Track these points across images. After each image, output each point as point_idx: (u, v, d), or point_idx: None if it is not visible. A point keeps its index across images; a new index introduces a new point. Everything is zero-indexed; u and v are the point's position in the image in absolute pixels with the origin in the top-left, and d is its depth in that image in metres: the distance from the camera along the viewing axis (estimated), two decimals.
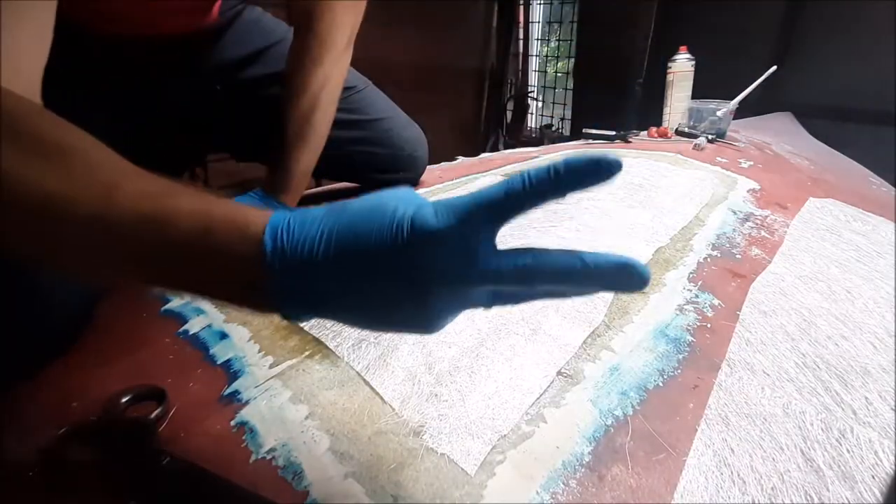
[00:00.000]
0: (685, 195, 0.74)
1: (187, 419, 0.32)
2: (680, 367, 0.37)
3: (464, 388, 0.34)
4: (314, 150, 0.65)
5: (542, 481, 0.28)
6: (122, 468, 0.28)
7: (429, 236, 0.20)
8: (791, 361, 0.39)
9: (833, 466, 0.30)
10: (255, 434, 0.31)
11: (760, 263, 0.55)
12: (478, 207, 0.21)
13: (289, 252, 0.21)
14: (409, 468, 0.28)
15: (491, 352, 0.38)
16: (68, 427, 0.30)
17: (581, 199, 0.70)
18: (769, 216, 0.69)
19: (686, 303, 0.46)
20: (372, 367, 0.36)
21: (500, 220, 0.21)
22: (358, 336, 0.40)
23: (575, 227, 0.60)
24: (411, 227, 0.20)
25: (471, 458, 0.29)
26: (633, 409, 0.33)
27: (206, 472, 0.28)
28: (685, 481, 0.28)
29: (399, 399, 0.33)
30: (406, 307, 0.22)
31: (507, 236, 0.56)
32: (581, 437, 0.31)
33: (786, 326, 0.43)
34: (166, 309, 0.45)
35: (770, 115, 1.70)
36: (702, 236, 0.60)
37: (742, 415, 0.33)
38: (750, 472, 0.29)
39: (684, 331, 0.42)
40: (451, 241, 0.20)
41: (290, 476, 0.28)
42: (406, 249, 0.20)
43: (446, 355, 0.37)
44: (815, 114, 1.68)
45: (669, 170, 0.86)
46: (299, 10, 0.60)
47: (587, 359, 0.38)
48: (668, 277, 0.50)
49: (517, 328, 0.41)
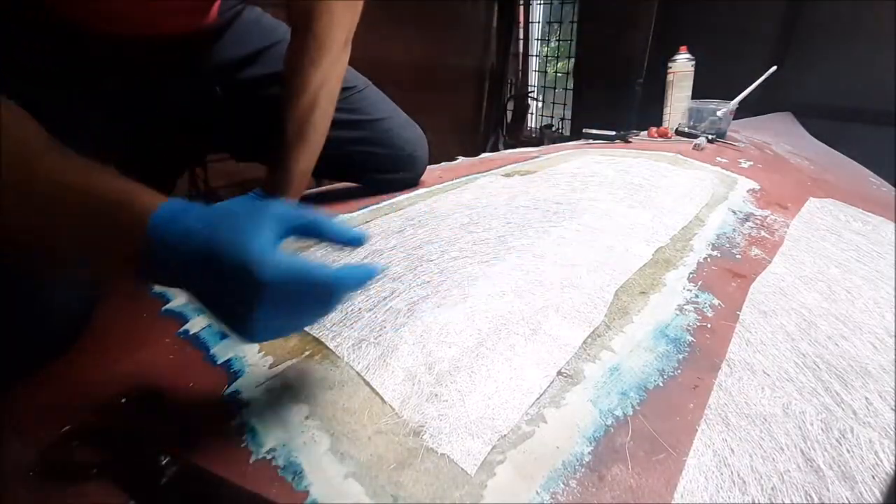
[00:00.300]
0: (685, 195, 0.74)
1: (187, 419, 0.32)
2: (680, 367, 0.37)
3: (464, 388, 0.34)
4: (314, 150, 0.65)
5: (542, 481, 0.28)
6: (123, 468, 0.28)
7: (256, 288, 0.25)
8: (791, 361, 0.39)
9: (833, 467, 0.30)
10: (256, 434, 0.31)
11: (760, 263, 0.55)
12: (307, 279, 0.26)
13: (159, 239, 0.26)
14: (409, 468, 0.28)
15: (491, 352, 0.38)
16: (68, 427, 0.30)
17: (581, 199, 0.70)
18: (769, 216, 0.69)
19: (686, 303, 0.46)
20: (372, 367, 0.36)
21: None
22: (358, 336, 0.40)
23: (575, 226, 0.60)
24: (248, 273, 0.25)
25: (471, 458, 0.29)
26: (634, 409, 0.33)
27: (206, 472, 0.28)
28: (685, 481, 0.28)
29: (399, 399, 0.33)
30: (231, 321, 0.27)
31: (507, 236, 0.57)
32: (581, 437, 0.31)
33: (786, 326, 0.43)
34: (167, 309, 0.45)
35: (770, 115, 1.70)
36: (702, 236, 0.60)
37: (742, 415, 0.33)
38: (750, 472, 0.29)
39: (684, 331, 0.42)
40: (273, 296, 0.26)
41: (290, 476, 0.28)
42: (238, 290, 0.26)
43: (446, 355, 0.37)
44: (815, 114, 1.68)
45: (669, 170, 0.86)
46: (297, 9, 0.60)
47: (587, 359, 0.38)
48: (669, 277, 0.50)
49: (517, 328, 0.41)
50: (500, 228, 0.60)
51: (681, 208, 0.69)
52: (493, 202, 0.70)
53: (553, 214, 0.64)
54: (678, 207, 0.69)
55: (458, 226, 0.61)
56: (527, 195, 0.73)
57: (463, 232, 0.59)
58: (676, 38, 1.37)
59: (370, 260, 0.53)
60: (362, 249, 0.55)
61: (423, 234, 0.59)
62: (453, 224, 0.62)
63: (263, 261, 0.25)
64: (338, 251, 0.54)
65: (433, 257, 0.52)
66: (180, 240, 0.26)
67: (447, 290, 0.45)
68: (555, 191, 0.75)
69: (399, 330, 0.40)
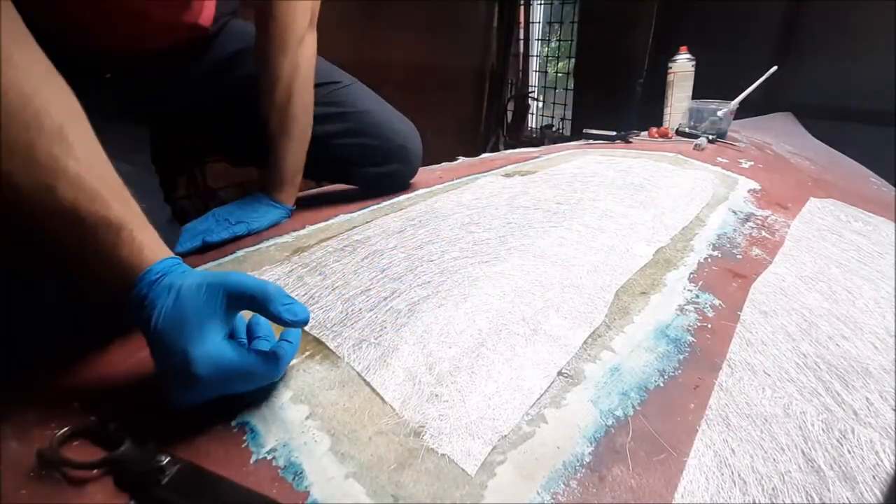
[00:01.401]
0: (686, 195, 0.74)
1: (187, 419, 0.32)
2: (681, 367, 0.37)
3: (464, 389, 0.34)
4: (299, 143, 0.65)
5: (542, 482, 0.28)
6: (123, 468, 0.28)
7: (193, 379, 0.30)
8: (792, 362, 0.39)
9: (834, 467, 0.30)
10: (256, 434, 0.31)
11: (761, 264, 0.55)
12: (239, 370, 0.31)
13: (139, 295, 0.32)
14: (410, 468, 0.28)
15: (491, 352, 0.38)
16: (68, 427, 0.30)
17: (581, 199, 0.70)
18: (770, 216, 0.69)
19: (687, 303, 0.46)
20: (372, 367, 0.36)
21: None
22: (359, 336, 0.40)
23: (576, 227, 0.60)
24: (187, 365, 0.29)
25: (471, 459, 0.29)
26: (634, 409, 0.33)
27: (206, 472, 0.28)
28: (686, 482, 0.28)
29: (399, 399, 0.33)
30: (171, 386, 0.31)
31: (508, 236, 0.57)
32: (582, 438, 0.31)
33: (787, 327, 0.43)
34: None
35: (770, 116, 1.70)
36: (702, 236, 0.60)
37: (743, 415, 0.33)
38: (751, 472, 0.29)
39: (685, 331, 0.42)
40: (207, 384, 0.30)
41: (290, 476, 0.28)
42: (180, 374, 0.30)
43: (446, 355, 0.37)
44: (815, 114, 1.68)
45: (670, 170, 0.86)
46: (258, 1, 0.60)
47: (588, 359, 0.38)
48: (669, 278, 0.50)
49: (517, 328, 0.41)
50: (501, 229, 0.60)
51: (681, 208, 0.69)
52: (494, 202, 0.70)
53: (553, 215, 0.64)
54: (679, 208, 0.69)
55: (459, 226, 0.61)
56: (527, 195, 0.73)
57: (463, 232, 0.59)
58: (676, 38, 1.37)
59: (368, 260, 0.52)
60: (363, 249, 0.55)
61: (423, 234, 0.59)
62: (454, 224, 0.62)
63: (200, 359, 0.29)
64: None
65: (434, 257, 0.52)
66: (142, 318, 0.31)
67: (448, 290, 0.45)
68: (555, 191, 0.75)
69: (399, 330, 0.40)
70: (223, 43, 0.67)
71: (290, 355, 0.34)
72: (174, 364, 0.30)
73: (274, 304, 0.31)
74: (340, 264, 0.52)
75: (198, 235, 0.59)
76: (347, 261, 0.53)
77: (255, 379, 0.32)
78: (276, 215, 0.66)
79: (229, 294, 0.31)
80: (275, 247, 0.59)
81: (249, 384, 0.33)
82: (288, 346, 0.34)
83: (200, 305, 0.31)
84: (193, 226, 0.62)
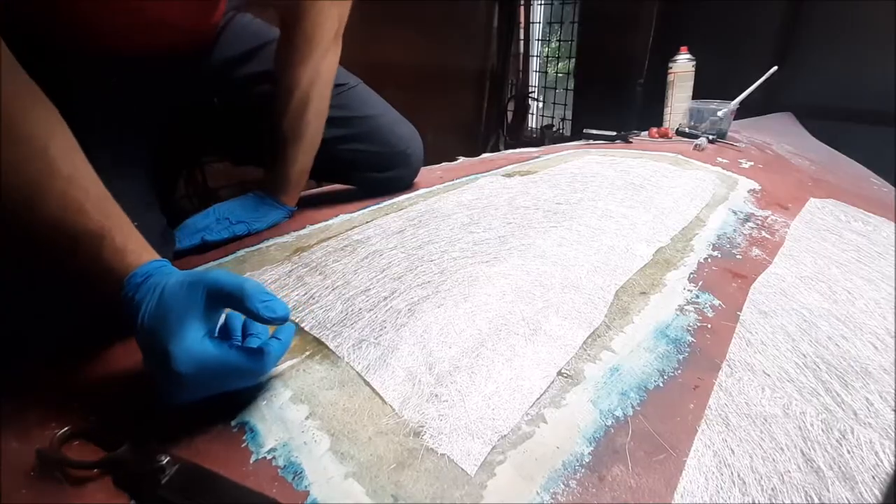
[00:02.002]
0: (686, 195, 0.74)
1: (187, 419, 0.32)
2: (680, 367, 0.37)
3: (464, 389, 0.34)
4: (309, 148, 0.65)
5: (542, 482, 0.28)
6: (123, 468, 0.28)
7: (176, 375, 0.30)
8: (791, 362, 0.39)
9: (833, 467, 0.30)
10: (256, 434, 0.31)
11: (761, 264, 0.55)
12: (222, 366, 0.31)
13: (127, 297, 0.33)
14: (410, 468, 0.28)
15: (491, 352, 0.38)
16: (68, 427, 0.30)
17: (582, 199, 0.70)
18: (770, 216, 0.69)
19: (686, 303, 0.46)
20: (372, 367, 0.36)
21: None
22: (358, 336, 0.40)
23: (576, 227, 0.60)
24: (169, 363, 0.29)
25: (471, 459, 0.29)
26: (634, 409, 0.33)
27: (206, 472, 0.28)
28: (685, 482, 0.28)
29: (399, 399, 0.33)
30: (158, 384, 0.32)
31: (509, 236, 0.57)
32: (581, 438, 0.31)
33: (786, 327, 0.43)
34: None
35: (771, 116, 1.70)
36: (702, 237, 0.60)
37: (742, 415, 0.33)
38: (750, 472, 0.29)
39: (685, 331, 0.42)
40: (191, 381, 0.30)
41: (290, 476, 0.28)
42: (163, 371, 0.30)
43: (446, 355, 0.37)
44: (815, 114, 1.68)
45: (670, 170, 0.86)
46: (285, 6, 0.59)
47: (587, 359, 0.38)
48: (669, 278, 0.50)
49: (517, 328, 0.41)
50: (501, 229, 0.60)
51: (681, 209, 0.69)
52: (494, 202, 0.70)
53: (553, 215, 0.64)
54: (679, 208, 0.69)
55: (459, 226, 0.61)
56: (527, 195, 0.73)
57: (463, 232, 0.59)
58: (676, 38, 1.37)
59: (368, 260, 0.53)
60: (363, 249, 0.55)
61: (423, 234, 0.59)
62: (454, 224, 0.62)
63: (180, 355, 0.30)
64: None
65: (434, 257, 0.52)
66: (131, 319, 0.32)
67: (448, 290, 0.45)
68: (555, 191, 0.75)
69: (399, 330, 0.40)
70: (229, 41, 0.66)
71: (277, 352, 0.34)
72: (158, 361, 0.30)
73: (251, 300, 0.31)
74: (340, 264, 0.52)
75: (197, 233, 0.59)
76: (347, 261, 0.53)
77: (242, 375, 0.32)
78: (278, 216, 0.66)
79: (209, 292, 0.31)
80: (275, 247, 0.59)
81: (238, 381, 0.33)
82: (276, 343, 0.34)
83: (181, 303, 0.31)
84: (193, 222, 0.61)
